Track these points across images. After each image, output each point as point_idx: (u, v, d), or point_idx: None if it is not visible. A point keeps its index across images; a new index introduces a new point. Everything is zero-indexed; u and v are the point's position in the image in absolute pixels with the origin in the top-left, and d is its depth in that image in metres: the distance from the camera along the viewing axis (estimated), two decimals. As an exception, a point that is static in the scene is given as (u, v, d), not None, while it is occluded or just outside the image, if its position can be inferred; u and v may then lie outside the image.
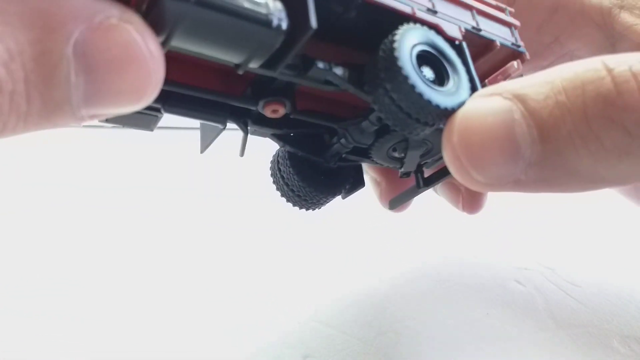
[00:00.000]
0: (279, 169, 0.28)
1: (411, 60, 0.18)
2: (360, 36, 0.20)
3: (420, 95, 0.18)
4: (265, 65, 0.17)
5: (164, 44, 0.15)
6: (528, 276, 0.36)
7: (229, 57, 0.16)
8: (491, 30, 0.23)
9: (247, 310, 0.32)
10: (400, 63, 0.18)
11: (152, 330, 0.29)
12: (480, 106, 0.17)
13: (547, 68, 0.30)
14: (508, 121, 0.16)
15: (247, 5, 0.15)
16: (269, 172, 0.28)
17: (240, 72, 0.17)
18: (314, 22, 0.16)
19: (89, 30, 0.14)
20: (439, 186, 0.34)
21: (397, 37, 0.18)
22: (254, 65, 0.17)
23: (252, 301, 0.32)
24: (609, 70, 0.16)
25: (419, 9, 0.20)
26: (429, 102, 0.18)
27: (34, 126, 0.15)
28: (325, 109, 0.24)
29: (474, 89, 0.20)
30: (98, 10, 0.14)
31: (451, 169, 0.18)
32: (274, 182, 0.28)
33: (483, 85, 0.24)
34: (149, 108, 0.21)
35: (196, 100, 0.21)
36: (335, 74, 0.19)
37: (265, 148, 0.28)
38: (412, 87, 0.18)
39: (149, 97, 0.16)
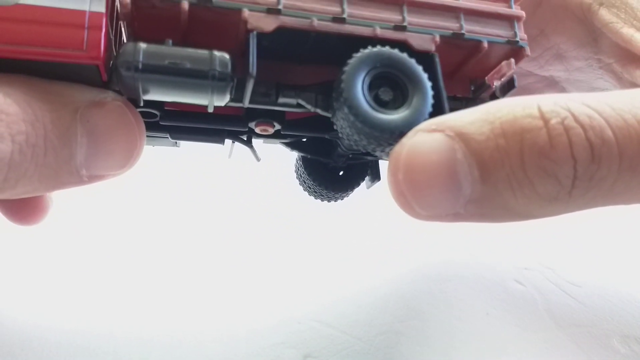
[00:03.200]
0: (298, 171, 0.30)
1: (361, 88, 0.19)
2: (334, 56, 0.21)
3: (363, 123, 0.19)
4: (234, 100, 0.20)
5: (138, 102, 0.19)
6: (528, 276, 0.36)
7: (196, 101, 0.19)
8: (480, 29, 0.23)
9: (248, 310, 0.32)
10: (345, 95, 0.19)
11: (152, 331, 0.29)
12: (424, 143, 0.18)
13: (537, 59, 0.31)
14: (451, 160, 0.17)
15: (188, 65, 0.18)
16: (294, 173, 0.31)
17: (209, 110, 0.20)
18: (253, 70, 0.18)
19: (92, 105, 0.19)
20: None
21: (346, 68, 0.19)
22: (219, 104, 0.19)
23: (252, 301, 0.32)
24: (546, 121, 0.17)
25: (384, 27, 0.21)
26: (372, 129, 0.19)
27: (46, 180, 0.18)
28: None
29: (439, 102, 0.21)
30: (97, 93, 0.19)
31: (395, 201, 0.19)
32: (298, 181, 0.31)
33: (481, 85, 0.24)
34: (164, 128, 0.25)
35: (196, 127, 0.25)
36: (303, 101, 0.21)
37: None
38: (355, 117, 0.19)
39: (135, 158, 0.21)
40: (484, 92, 0.24)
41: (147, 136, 0.24)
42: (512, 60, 0.22)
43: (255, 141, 0.27)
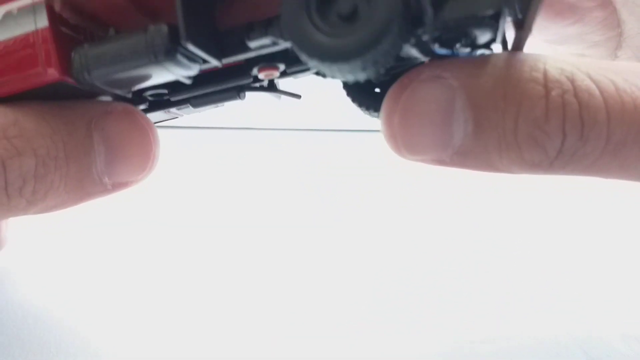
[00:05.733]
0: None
1: (306, 12, 0.16)
2: None
3: (321, 60, 0.16)
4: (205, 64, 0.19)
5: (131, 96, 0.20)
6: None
7: (166, 80, 0.19)
8: None
9: (249, 312, 0.32)
10: (283, 22, 0.16)
11: (151, 334, 0.29)
12: (425, 88, 0.18)
13: None
14: (448, 111, 0.18)
15: (128, 55, 0.17)
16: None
17: (187, 82, 0.19)
18: (184, 37, 0.17)
19: (103, 114, 0.20)
20: None
21: None
22: (189, 74, 0.19)
23: (254, 305, 0.32)
24: (547, 92, 0.17)
25: None
26: (334, 62, 0.16)
27: (73, 191, 0.20)
28: None
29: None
30: (107, 104, 0.21)
31: (386, 142, 0.19)
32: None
33: None
34: (181, 101, 0.24)
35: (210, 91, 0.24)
36: (272, 37, 0.18)
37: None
38: (310, 57, 0.16)
39: (152, 161, 0.22)
40: None
41: (178, 109, 0.25)
42: None
43: (286, 80, 0.24)
